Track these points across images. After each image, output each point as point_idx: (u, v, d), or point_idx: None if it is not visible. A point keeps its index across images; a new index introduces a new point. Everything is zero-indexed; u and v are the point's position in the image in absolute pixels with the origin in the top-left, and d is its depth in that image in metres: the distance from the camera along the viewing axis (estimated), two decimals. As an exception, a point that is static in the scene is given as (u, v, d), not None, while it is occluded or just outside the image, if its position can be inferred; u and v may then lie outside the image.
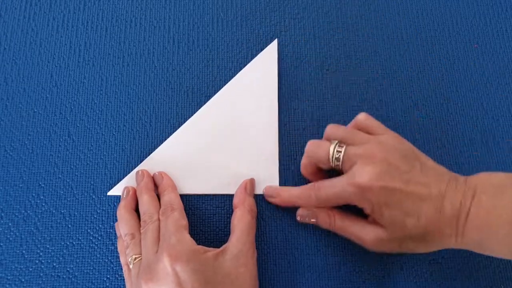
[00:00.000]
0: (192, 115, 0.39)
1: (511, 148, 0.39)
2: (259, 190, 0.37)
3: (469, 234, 0.29)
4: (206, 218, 0.37)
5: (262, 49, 0.41)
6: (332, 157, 0.32)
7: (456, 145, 0.39)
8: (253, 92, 0.39)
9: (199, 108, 0.39)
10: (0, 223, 0.36)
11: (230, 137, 0.38)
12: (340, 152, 0.32)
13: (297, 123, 0.39)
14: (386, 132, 0.33)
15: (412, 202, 0.29)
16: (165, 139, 0.38)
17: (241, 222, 0.33)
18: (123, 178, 0.37)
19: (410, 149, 0.32)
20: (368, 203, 0.30)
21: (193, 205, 0.37)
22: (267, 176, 0.37)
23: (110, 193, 0.37)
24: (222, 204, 0.37)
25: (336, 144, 0.32)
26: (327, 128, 0.35)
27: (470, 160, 0.39)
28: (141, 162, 0.37)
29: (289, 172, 0.38)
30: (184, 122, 0.38)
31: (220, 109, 0.39)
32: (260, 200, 0.37)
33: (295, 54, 0.41)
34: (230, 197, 0.37)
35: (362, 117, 0.34)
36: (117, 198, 0.37)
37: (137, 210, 0.35)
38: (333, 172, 0.34)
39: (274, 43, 0.41)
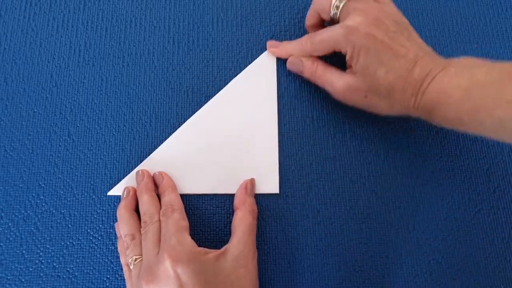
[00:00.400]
0: (192, 115, 0.39)
1: (511, 148, 0.39)
2: (259, 190, 0.37)
3: (427, 96, 0.31)
4: (206, 218, 0.37)
5: (262, 49, 0.41)
6: (333, 5, 0.35)
7: (457, 146, 0.39)
8: (253, 92, 0.39)
9: (199, 108, 0.39)
10: (0, 223, 0.36)
11: (230, 137, 0.38)
12: (342, 2, 0.35)
13: (297, 123, 0.39)
14: (391, 2, 0.36)
15: (388, 56, 0.32)
16: (165, 139, 0.38)
17: (242, 223, 0.33)
18: (123, 178, 0.37)
19: (406, 21, 0.35)
20: (350, 45, 0.33)
21: (193, 205, 0.37)
22: (267, 176, 0.37)
23: (110, 193, 0.37)
24: (222, 204, 0.37)
25: None
26: None
27: (470, 160, 0.39)
28: (141, 162, 0.37)
29: (290, 172, 0.38)
30: (184, 122, 0.38)
31: (220, 109, 0.39)
32: (260, 200, 0.37)
33: (295, 54, 0.41)
34: (230, 197, 0.37)
35: None
36: (117, 198, 0.37)
37: (137, 210, 0.35)
38: None
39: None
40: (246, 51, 0.41)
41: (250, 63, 0.40)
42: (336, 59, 0.37)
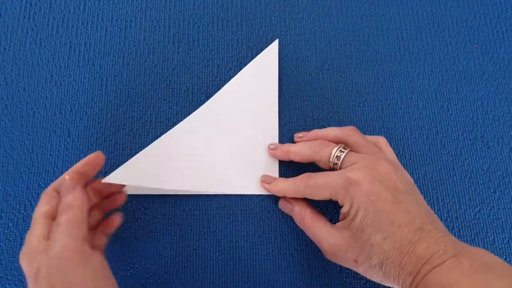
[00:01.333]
0: (192, 115, 0.39)
1: (511, 148, 0.39)
2: (259, 190, 0.37)
3: (429, 284, 0.25)
4: (206, 218, 0.37)
5: (262, 49, 0.41)
6: (333, 155, 0.32)
7: (457, 146, 0.39)
8: (253, 91, 0.39)
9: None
10: (0, 223, 0.36)
11: (230, 137, 0.38)
12: (343, 152, 0.32)
13: (297, 123, 0.39)
14: (396, 159, 0.33)
15: (389, 221, 0.27)
16: (165, 139, 0.38)
17: None
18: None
19: (414, 184, 0.31)
20: (348, 199, 0.29)
21: (193, 205, 0.37)
22: (267, 176, 0.37)
23: (104, 180, 0.35)
24: (222, 204, 0.37)
25: (341, 146, 0.32)
26: (346, 128, 0.34)
27: (470, 160, 0.39)
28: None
29: (289, 172, 0.38)
30: (184, 122, 0.38)
31: (220, 109, 0.39)
32: (260, 200, 0.37)
33: (295, 54, 0.41)
34: (230, 197, 0.37)
35: (383, 141, 0.34)
36: (117, 198, 0.37)
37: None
38: None
39: (275, 43, 0.41)
40: (246, 51, 0.41)
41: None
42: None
